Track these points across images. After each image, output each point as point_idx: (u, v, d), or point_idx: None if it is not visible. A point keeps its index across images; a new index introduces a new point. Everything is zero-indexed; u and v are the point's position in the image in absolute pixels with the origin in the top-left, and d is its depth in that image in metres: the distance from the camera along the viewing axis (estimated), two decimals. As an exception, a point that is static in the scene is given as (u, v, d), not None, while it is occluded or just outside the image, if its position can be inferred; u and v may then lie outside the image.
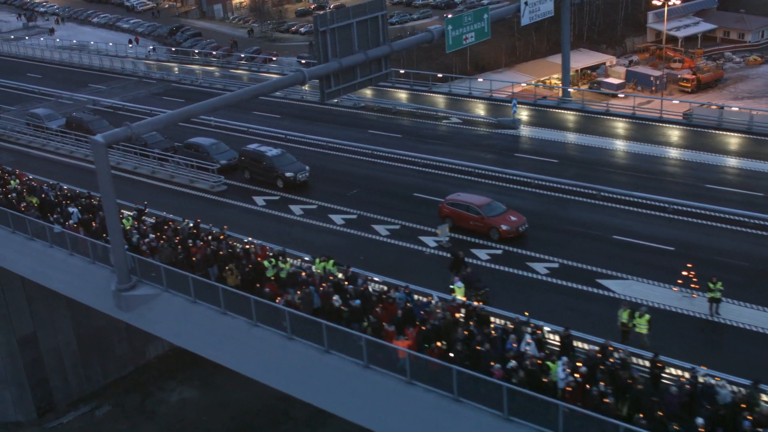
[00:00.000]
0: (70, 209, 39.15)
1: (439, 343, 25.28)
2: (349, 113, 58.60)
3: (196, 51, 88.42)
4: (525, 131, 51.78)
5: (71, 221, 37.61)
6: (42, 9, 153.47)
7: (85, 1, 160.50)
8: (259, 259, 31.85)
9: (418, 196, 42.63)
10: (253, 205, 43.37)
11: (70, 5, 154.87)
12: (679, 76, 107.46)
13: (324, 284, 29.10)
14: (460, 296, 29.87)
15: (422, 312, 27.06)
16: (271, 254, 32.44)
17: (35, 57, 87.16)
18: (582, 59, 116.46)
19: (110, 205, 33.39)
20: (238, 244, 34.78)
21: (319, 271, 31.56)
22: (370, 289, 30.04)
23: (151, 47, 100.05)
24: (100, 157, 32.89)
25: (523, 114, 54.48)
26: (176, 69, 76.96)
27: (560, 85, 64.17)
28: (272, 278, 30.62)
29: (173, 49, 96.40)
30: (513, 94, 60.87)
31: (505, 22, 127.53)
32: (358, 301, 27.50)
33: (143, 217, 38.41)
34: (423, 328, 26.01)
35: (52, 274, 39.70)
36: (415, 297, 29.89)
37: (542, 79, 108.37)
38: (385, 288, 30.34)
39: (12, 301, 57.12)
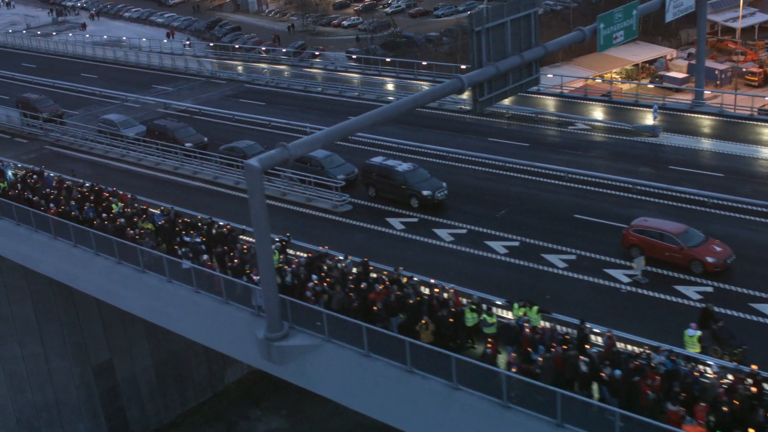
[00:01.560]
0: (188, 239, 33.63)
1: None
2: (457, 118, 53.09)
3: (237, 46, 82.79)
4: (666, 139, 46.19)
5: (203, 256, 32.02)
6: (69, 3, 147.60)
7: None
8: (454, 309, 26.32)
9: (581, 218, 37.18)
10: (389, 229, 37.93)
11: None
12: (744, 69, 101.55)
13: (556, 345, 23.56)
14: (694, 348, 24.56)
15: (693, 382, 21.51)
16: (468, 301, 26.91)
17: (85, 56, 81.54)
18: (640, 52, 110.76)
19: (264, 239, 28.00)
20: (424, 288, 29.21)
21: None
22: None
23: (187, 41, 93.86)
24: (254, 185, 27.49)
25: (648, 118, 48.97)
26: (240, 68, 71.30)
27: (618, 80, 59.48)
28: (486, 334, 25.09)
29: (211, 44, 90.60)
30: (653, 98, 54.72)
31: (558, 14, 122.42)
32: (618, 372, 21.96)
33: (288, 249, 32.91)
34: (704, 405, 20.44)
35: (172, 313, 34.37)
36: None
37: (602, 73, 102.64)
38: (638, 350, 24.74)
39: (87, 328, 52.26)
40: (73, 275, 38.29)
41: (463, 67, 55.18)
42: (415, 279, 30.31)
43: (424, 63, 63.49)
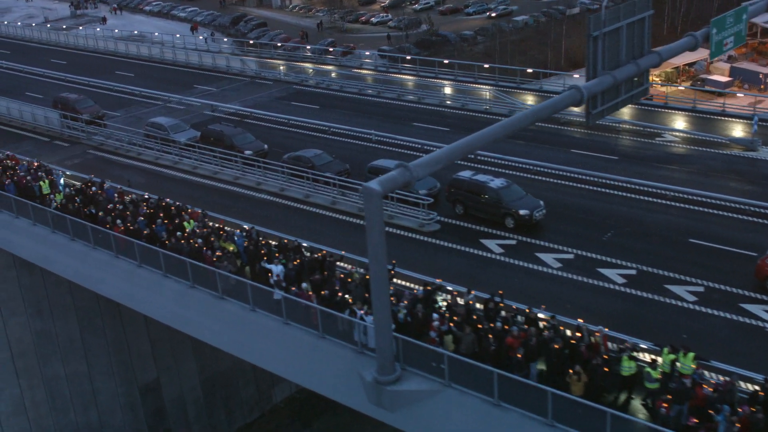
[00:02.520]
0: (272, 267, 30.26)
1: None
2: (533, 126, 49.43)
3: (279, 44, 79.29)
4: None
5: (300, 285, 28.67)
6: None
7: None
8: (607, 356, 22.98)
9: (698, 243, 33.86)
10: (485, 252, 34.57)
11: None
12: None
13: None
14: None
15: None
16: (621, 346, 23.56)
17: (118, 52, 78.10)
18: (681, 54, 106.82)
19: (380, 271, 24.69)
20: (567, 330, 25.85)
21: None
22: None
23: (206, 34, 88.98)
24: (373, 211, 24.21)
25: (736, 129, 45.72)
26: (283, 67, 67.77)
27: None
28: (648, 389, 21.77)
29: (251, 42, 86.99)
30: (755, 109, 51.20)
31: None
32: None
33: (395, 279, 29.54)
34: None
35: (257, 346, 30.97)
36: None
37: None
38: None
39: (134, 345, 49.04)
40: (140, 299, 34.91)
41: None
42: (542, 315, 26.90)
43: (486, 66, 60.08)
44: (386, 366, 25.99)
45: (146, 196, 38.14)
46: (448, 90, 58.05)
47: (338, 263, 31.29)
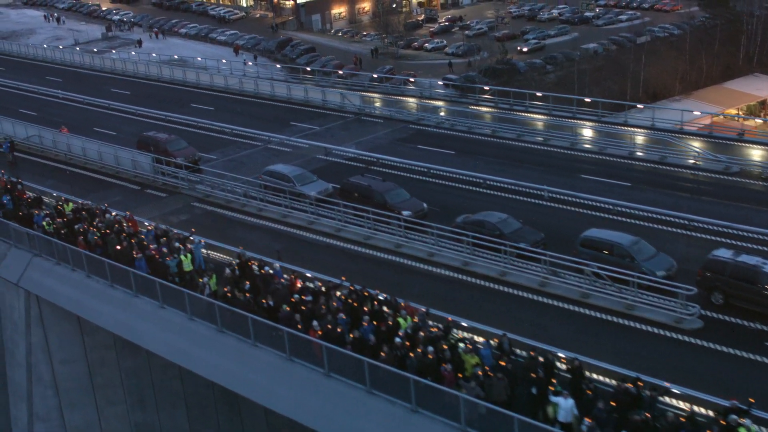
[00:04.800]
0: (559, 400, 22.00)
1: None
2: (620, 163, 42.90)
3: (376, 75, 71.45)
4: None
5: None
6: (116, 17, 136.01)
7: (162, 9, 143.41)
8: None
9: None
10: (777, 362, 26.15)
11: (147, 13, 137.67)
12: None
13: None
14: None
15: None
16: None
17: (187, 82, 69.86)
18: (763, 86, 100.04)
19: None
20: None
21: None
22: None
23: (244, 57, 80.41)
24: None
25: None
26: (382, 102, 59.65)
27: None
28: None
29: (340, 71, 78.92)
30: None
31: (672, 44, 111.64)
32: None
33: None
34: None
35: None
36: None
37: (727, 109, 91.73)
38: None
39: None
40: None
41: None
42: None
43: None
44: None
45: (338, 282, 29.73)
46: (569, 129, 50.14)
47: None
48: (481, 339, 27.74)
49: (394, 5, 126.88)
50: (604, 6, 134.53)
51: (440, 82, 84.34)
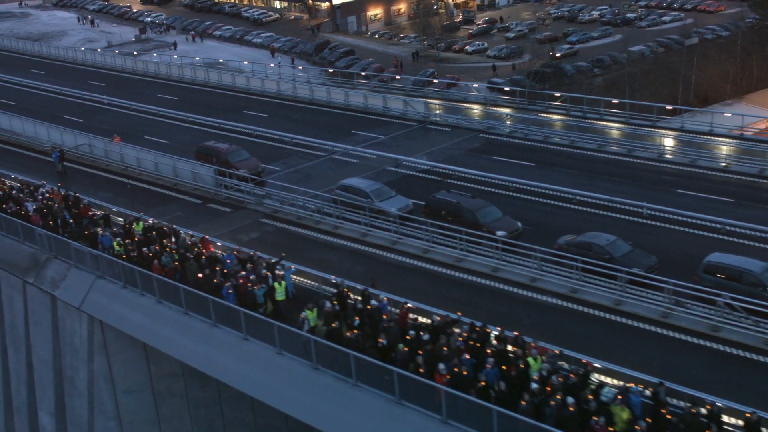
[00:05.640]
0: None
1: None
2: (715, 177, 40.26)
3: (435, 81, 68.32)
4: None
5: None
6: (148, 20, 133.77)
7: (193, 11, 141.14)
8: None
9: None
10: None
11: (179, 15, 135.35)
12: None
13: None
14: None
15: None
16: None
17: (236, 87, 67.16)
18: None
19: None
20: None
21: None
22: None
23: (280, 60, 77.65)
24: None
25: None
26: (437, 108, 56.64)
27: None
28: None
29: (397, 77, 76.30)
30: None
31: (724, 46, 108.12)
32: None
33: None
34: None
35: None
36: None
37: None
38: None
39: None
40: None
41: None
42: None
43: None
44: None
45: (454, 317, 26.75)
46: (650, 138, 47.11)
47: None
48: (608, 380, 24.75)
49: (435, 7, 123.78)
50: (645, 7, 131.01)
51: (486, 86, 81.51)
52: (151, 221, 36.91)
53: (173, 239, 33.70)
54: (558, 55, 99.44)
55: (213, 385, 35.69)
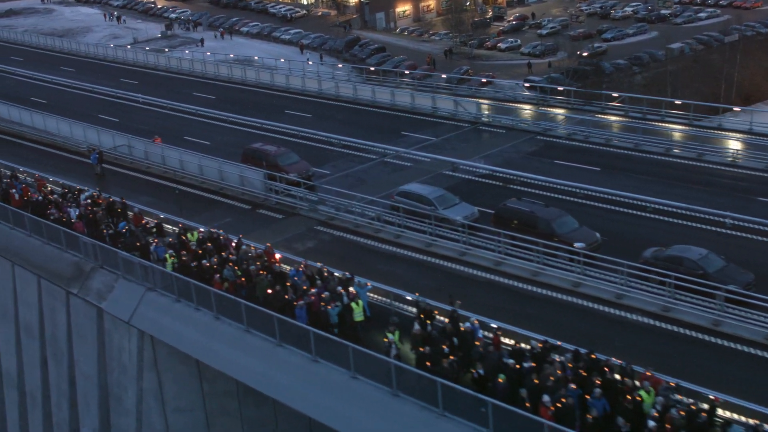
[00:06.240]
0: None
1: None
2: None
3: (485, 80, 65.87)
4: None
5: None
6: (174, 15, 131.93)
7: (218, 7, 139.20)
8: None
9: None
10: None
11: (205, 11, 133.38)
12: None
13: None
14: None
15: None
16: None
17: (274, 85, 64.99)
18: None
19: None
20: None
21: None
22: None
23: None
24: None
25: None
26: (483, 107, 54.14)
27: None
28: None
29: (444, 75, 74.01)
30: None
31: (761, 43, 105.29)
32: None
33: None
34: None
35: None
36: None
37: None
38: None
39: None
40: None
41: None
42: None
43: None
44: None
45: (554, 343, 24.38)
46: (716, 141, 44.66)
47: None
48: (734, 416, 22.44)
49: (468, 3, 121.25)
50: (679, 3, 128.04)
51: (523, 83, 79.09)
52: (202, 230, 34.75)
53: (232, 250, 31.40)
54: (585, 54, 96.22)
55: (269, 404, 33.68)
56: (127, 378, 34.39)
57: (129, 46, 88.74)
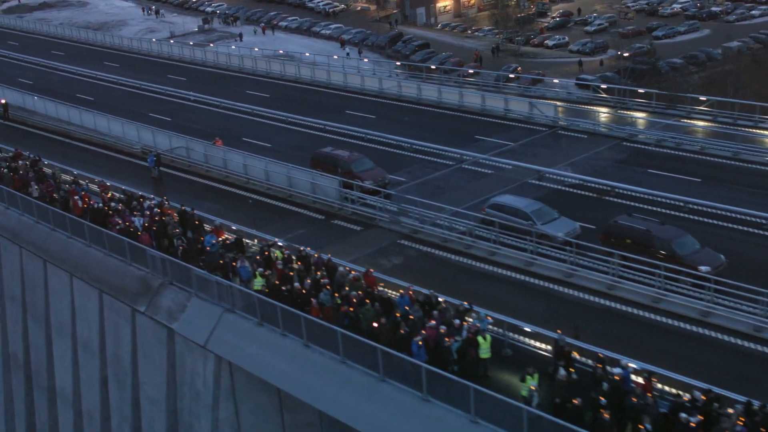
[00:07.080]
0: None
1: None
2: None
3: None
4: None
5: None
6: (210, 9, 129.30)
7: (255, 1, 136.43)
8: None
9: None
10: None
11: (242, 5, 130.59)
12: None
13: None
14: None
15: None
16: None
17: (332, 84, 61.85)
18: None
19: None
20: None
21: None
22: None
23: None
24: None
25: None
26: (558, 110, 50.71)
27: None
28: None
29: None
30: None
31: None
32: None
33: None
34: None
35: None
36: None
37: None
38: None
39: None
40: None
41: None
42: None
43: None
44: None
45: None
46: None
47: None
48: None
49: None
50: (730, 0, 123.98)
51: (575, 83, 75.65)
52: (280, 243, 31.83)
53: (325, 271, 28.39)
54: (626, 55, 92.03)
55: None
56: (200, 406, 31.55)
57: (172, 41, 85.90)
